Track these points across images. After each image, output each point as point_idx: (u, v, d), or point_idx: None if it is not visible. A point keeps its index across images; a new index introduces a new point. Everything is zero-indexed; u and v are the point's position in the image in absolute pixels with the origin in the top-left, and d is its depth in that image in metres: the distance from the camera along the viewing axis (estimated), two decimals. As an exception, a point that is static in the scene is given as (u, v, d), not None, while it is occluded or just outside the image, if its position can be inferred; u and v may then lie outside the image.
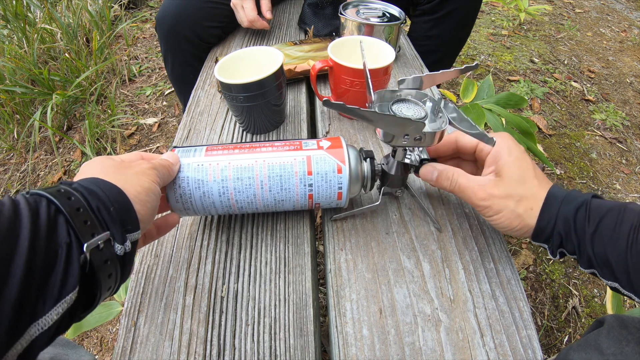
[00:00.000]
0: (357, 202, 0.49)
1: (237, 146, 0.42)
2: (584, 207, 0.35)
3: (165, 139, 1.43)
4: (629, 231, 0.32)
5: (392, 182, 0.44)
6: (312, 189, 0.41)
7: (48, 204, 0.25)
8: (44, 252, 0.23)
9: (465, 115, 0.37)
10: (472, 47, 1.98)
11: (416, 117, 0.39)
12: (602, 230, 0.33)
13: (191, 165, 0.40)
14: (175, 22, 0.84)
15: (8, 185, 1.29)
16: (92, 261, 0.25)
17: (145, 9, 2.24)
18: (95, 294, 0.27)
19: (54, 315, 0.23)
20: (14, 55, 1.42)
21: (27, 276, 0.22)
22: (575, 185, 1.30)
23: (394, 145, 0.40)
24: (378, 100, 0.42)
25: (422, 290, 0.40)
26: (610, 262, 0.32)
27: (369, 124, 0.47)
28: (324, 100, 0.33)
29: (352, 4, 0.76)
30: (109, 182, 0.29)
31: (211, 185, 0.39)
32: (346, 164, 0.41)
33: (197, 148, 0.42)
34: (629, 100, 1.71)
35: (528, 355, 0.36)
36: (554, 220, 0.35)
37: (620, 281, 0.33)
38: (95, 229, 0.26)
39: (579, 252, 0.35)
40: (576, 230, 0.34)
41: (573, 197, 0.36)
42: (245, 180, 0.40)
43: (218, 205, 0.41)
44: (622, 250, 0.32)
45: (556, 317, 0.97)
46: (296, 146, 0.42)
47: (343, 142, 0.42)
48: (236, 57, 0.58)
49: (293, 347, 0.37)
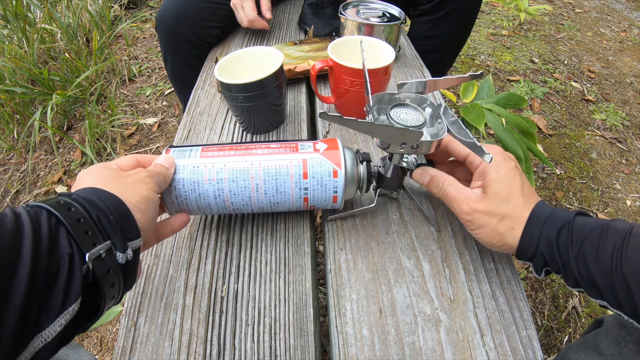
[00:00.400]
0: (353, 202, 0.49)
1: (233, 147, 0.41)
2: (567, 228, 0.34)
3: (165, 139, 1.43)
4: (612, 252, 0.31)
5: (388, 184, 0.44)
6: (308, 192, 0.41)
7: (49, 215, 0.25)
8: (47, 264, 0.23)
9: (463, 125, 0.37)
10: (472, 47, 1.98)
11: (414, 123, 0.38)
12: (585, 252, 0.32)
13: (187, 166, 0.39)
14: (175, 22, 0.84)
15: (8, 185, 1.29)
16: (95, 271, 0.26)
17: (145, 9, 2.24)
18: (99, 304, 0.27)
19: (57, 327, 0.23)
20: (14, 55, 1.42)
21: (30, 288, 0.22)
22: (575, 185, 1.30)
23: (390, 152, 0.40)
24: (376, 103, 0.42)
25: (422, 290, 0.40)
26: (596, 282, 0.32)
27: (367, 134, 0.47)
28: (321, 113, 0.33)
29: (352, 4, 0.76)
30: (108, 191, 0.29)
31: (206, 187, 0.39)
32: (342, 167, 0.40)
33: (192, 148, 0.41)
34: (629, 100, 1.71)
35: (528, 355, 0.36)
36: (537, 241, 0.35)
37: (608, 300, 0.32)
38: (96, 238, 0.26)
39: (564, 272, 0.34)
40: (559, 252, 0.34)
41: (556, 217, 0.35)
42: (240, 182, 0.40)
43: (214, 206, 0.41)
44: (607, 272, 0.31)
45: (556, 317, 0.97)
46: (292, 148, 0.41)
47: (340, 145, 0.42)
48: (236, 57, 0.58)
49: (293, 347, 0.37)
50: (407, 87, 0.41)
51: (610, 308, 0.33)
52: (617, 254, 0.31)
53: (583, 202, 1.25)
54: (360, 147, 0.58)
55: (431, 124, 0.41)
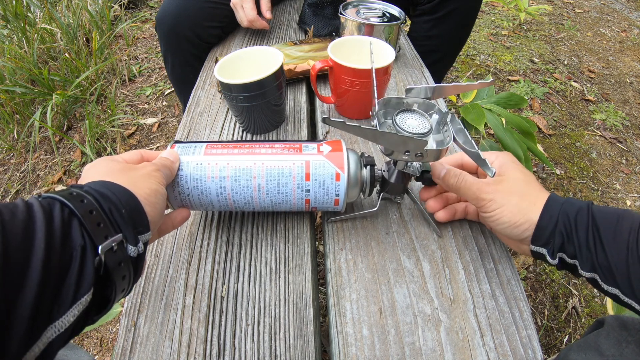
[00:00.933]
0: (356, 204, 0.49)
1: (237, 145, 0.42)
2: (586, 210, 0.35)
3: (165, 139, 1.43)
4: (628, 234, 0.32)
5: (392, 189, 0.44)
6: (310, 195, 0.41)
7: (61, 207, 0.25)
8: (59, 255, 0.23)
9: (469, 136, 0.37)
10: (472, 47, 1.98)
11: (420, 130, 0.38)
12: (602, 233, 0.33)
13: (190, 163, 0.40)
14: (175, 22, 0.84)
15: (8, 185, 1.29)
16: (107, 263, 0.26)
17: (145, 9, 2.24)
18: (108, 296, 0.27)
19: (70, 317, 0.23)
20: (14, 55, 1.42)
21: (43, 279, 0.22)
22: (575, 185, 1.30)
23: (394, 158, 0.40)
24: (383, 107, 0.41)
25: (422, 290, 0.40)
26: (611, 266, 0.32)
27: (371, 141, 0.47)
28: (324, 118, 0.33)
29: (352, 4, 0.76)
30: (119, 185, 0.29)
31: (209, 184, 0.40)
32: (345, 171, 0.40)
33: (197, 145, 0.41)
34: (629, 100, 1.71)
35: (528, 355, 0.36)
36: (556, 218, 0.36)
37: (621, 287, 0.32)
38: (108, 231, 0.26)
39: (580, 255, 0.35)
40: (577, 231, 0.35)
41: (573, 201, 0.37)
42: (242, 181, 0.40)
43: (216, 203, 0.41)
44: (623, 254, 0.32)
45: (556, 317, 0.97)
46: (296, 149, 0.41)
47: (344, 147, 0.42)
48: (236, 57, 0.58)
49: (293, 347, 0.37)
50: (415, 92, 0.40)
51: (621, 298, 0.33)
52: (633, 235, 0.32)
53: (583, 202, 1.25)
54: (361, 147, 0.58)
55: (437, 131, 0.41)
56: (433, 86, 0.40)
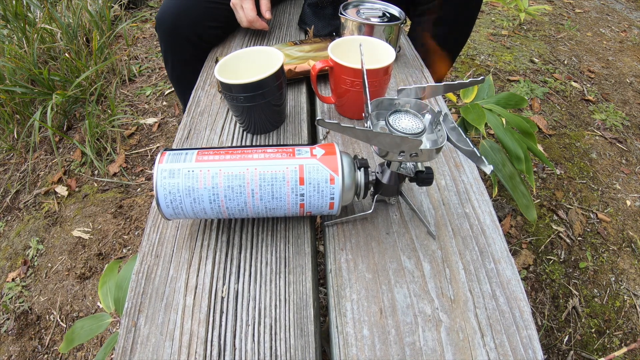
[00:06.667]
0: (351, 207, 0.49)
1: (229, 151, 0.41)
2: None
3: (165, 139, 1.43)
4: None
5: (386, 190, 0.44)
6: (304, 199, 0.41)
7: None
8: None
9: (464, 133, 0.37)
10: (472, 47, 1.98)
11: (413, 130, 0.38)
12: None
13: (182, 171, 0.39)
14: (175, 22, 0.84)
15: (8, 185, 1.29)
16: None
17: (145, 9, 2.24)
18: None
19: None
20: (14, 55, 1.41)
21: None
22: (575, 185, 1.30)
23: (389, 159, 0.40)
24: (375, 108, 0.42)
25: (423, 290, 0.40)
26: None
27: (365, 142, 0.47)
28: (318, 119, 0.33)
29: (352, 4, 0.76)
30: None
31: (201, 192, 0.39)
32: (339, 173, 0.40)
33: (188, 152, 0.41)
34: (629, 100, 1.71)
35: (528, 355, 0.36)
36: None
37: None
38: None
39: None
40: None
41: None
42: (236, 188, 0.39)
43: (209, 211, 0.41)
44: None
45: (556, 317, 0.97)
46: (289, 153, 0.41)
47: (337, 150, 0.42)
48: (236, 57, 0.58)
49: (293, 347, 0.37)
50: (406, 92, 0.41)
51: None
52: None
53: (583, 202, 1.25)
54: (360, 148, 0.58)
55: (431, 131, 0.41)
56: (424, 86, 0.40)
